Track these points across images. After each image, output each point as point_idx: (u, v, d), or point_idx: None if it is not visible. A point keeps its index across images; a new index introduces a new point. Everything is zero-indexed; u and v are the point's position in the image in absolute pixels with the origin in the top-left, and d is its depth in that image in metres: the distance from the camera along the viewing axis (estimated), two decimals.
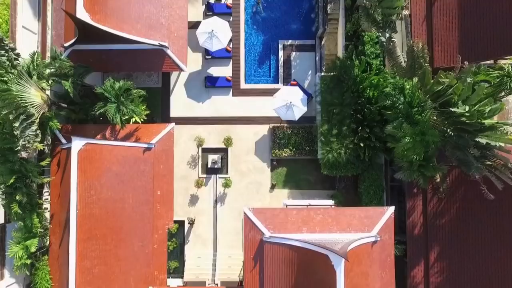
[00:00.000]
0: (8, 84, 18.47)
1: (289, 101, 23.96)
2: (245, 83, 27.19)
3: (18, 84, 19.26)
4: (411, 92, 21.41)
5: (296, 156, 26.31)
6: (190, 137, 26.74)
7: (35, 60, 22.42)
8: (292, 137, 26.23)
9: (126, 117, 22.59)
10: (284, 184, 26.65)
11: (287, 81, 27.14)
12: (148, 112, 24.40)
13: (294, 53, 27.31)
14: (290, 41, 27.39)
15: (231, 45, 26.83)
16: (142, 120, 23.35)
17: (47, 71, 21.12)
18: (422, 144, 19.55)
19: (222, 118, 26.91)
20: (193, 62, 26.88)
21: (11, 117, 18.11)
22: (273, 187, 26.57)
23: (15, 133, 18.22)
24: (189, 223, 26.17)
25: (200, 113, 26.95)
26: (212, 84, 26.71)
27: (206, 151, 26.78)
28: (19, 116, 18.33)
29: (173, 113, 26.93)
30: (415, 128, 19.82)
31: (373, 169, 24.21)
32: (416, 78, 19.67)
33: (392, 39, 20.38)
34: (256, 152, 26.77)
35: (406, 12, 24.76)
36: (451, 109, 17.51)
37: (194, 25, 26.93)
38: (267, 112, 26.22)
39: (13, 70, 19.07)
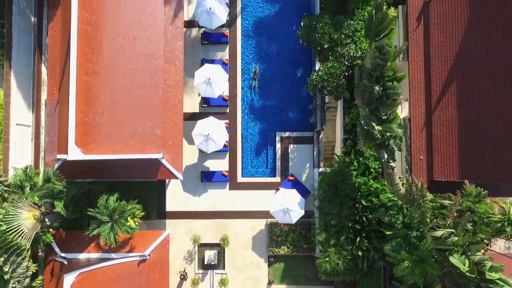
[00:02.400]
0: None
1: (286, 207, 23.59)
2: (242, 177, 26.80)
3: (8, 215, 18.87)
4: (410, 215, 21.07)
5: (294, 253, 25.95)
6: (186, 231, 26.39)
7: (28, 172, 22.22)
8: (290, 234, 25.87)
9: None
10: (281, 280, 26.29)
11: (284, 174, 26.74)
12: (143, 213, 24.11)
13: (291, 145, 26.90)
14: (287, 133, 26.97)
15: (227, 139, 26.43)
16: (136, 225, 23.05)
17: (40, 193, 20.72)
18: (421, 273, 19.16)
19: (219, 212, 26.55)
20: (189, 155, 26.51)
21: (1, 261, 17.76)
22: (270, 283, 26.21)
23: (5, 277, 17.87)
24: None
25: (197, 208, 26.59)
26: (208, 179, 26.33)
27: (203, 246, 26.46)
28: (9, 258, 17.96)
29: (169, 207, 26.56)
30: (413, 254, 19.45)
31: (372, 275, 23.84)
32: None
33: (391, 165, 19.94)
34: (253, 247, 26.41)
35: (405, 115, 24.46)
36: (450, 259, 17.08)
37: (190, 117, 26.67)
38: (264, 206, 25.81)
39: (4, 204, 18.70)
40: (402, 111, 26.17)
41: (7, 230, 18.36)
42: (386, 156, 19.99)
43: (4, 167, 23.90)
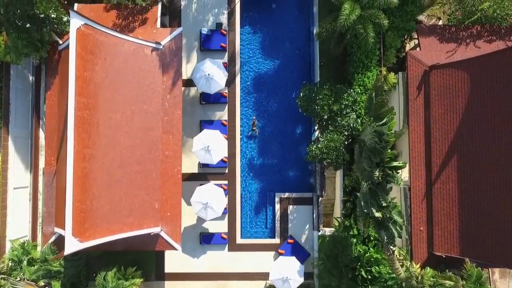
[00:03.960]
0: None
1: (286, 276, 23.45)
2: (241, 238, 26.63)
3: None
4: None
5: None
6: None
7: (25, 247, 22.11)
8: None
9: None
10: None
11: (283, 235, 26.56)
12: (142, 279, 24.03)
13: (291, 206, 26.71)
14: (287, 194, 26.79)
15: (227, 203, 26.27)
16: None
17: (37, 274, 20.61)
18: None
19: (218, 274, 26.36)
20: (188, 216, 26.25)
21: None
22: None
23: None
24: None
25: (196, 269, 26.42)
26: (207, 242, 26.17)
27: None
28: None
29: (168, 268, 26.39)
30: None
31: None
32: None
33: (391, 248, 19.77)
34: None
35: (405, 178, 24.22)
36: None
37: (189, 177, 26.50)
38: (264, 268, 25.71)
39: None
40: (402, 172, 25.99)
41: None
42: (386, 238, 19.82)
43: (1, 235, 23.82)
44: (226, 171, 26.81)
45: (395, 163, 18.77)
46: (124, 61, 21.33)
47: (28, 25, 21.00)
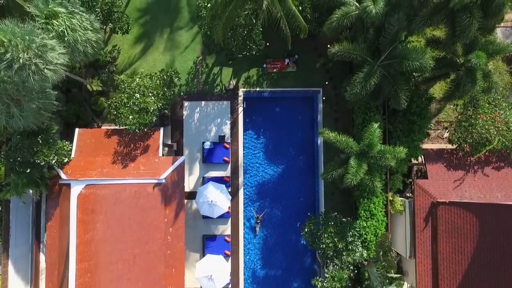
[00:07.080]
0: None
1: None
2: None
3: None
4: None
5: None
6: None
7: None
8: None
9: None
10: None
11: None
12: None
13: None
14: None
15: None
16: None
17: None
18: None
19: None
20: None
21: None
22: None
23: None
24: None
25: None
26: None
27: None
28: None
29: None
30: None
31: None
32: None
33: None
34: None
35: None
36: None
37: None
38: None
39: None
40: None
41: None
42: None
43: None
44: (229, 287, 26.42)
45: None
46: (126, 206, 20.98)
47: (28, 170, 20.60)
